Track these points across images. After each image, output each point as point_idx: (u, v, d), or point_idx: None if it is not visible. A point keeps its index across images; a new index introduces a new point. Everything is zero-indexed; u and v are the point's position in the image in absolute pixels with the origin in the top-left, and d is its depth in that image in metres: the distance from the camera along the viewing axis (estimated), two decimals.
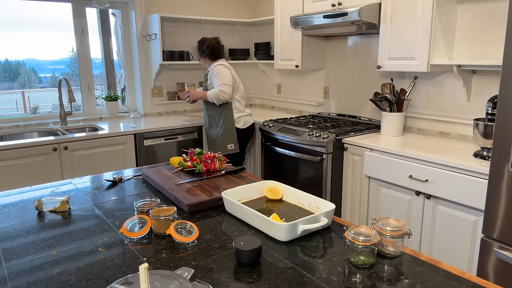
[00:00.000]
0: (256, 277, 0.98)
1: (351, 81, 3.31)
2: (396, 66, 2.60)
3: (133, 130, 3.13)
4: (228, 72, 3.11)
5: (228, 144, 3.17)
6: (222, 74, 3.08)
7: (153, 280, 0.79)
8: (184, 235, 1.16)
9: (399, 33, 2.53)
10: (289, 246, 1.14)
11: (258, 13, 4.23)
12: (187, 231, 1.18)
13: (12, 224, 1.31)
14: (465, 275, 0.99)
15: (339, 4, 2.81)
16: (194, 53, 3.94)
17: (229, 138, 3.18)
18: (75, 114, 3.59)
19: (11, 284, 0.96)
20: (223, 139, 3.16)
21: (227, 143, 3.16)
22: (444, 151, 2.25)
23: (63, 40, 3.55)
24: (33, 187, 1.69)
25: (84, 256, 1.09)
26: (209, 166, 1.76)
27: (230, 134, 3.18)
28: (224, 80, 3.07)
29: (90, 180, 1.79)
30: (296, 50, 3.32)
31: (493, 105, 2.05)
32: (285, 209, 1.39)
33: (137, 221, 1.22)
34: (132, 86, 3.87)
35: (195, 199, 1.42)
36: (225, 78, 3.07)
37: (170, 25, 3.77)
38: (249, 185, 1.50)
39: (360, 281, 0.97)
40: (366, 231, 1.05)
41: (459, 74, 2.42)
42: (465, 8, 2.45)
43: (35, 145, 2.72)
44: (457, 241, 2.11)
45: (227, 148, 3.16)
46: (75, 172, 2.90)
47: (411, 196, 2.30)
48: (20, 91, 4.74)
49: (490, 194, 1.76)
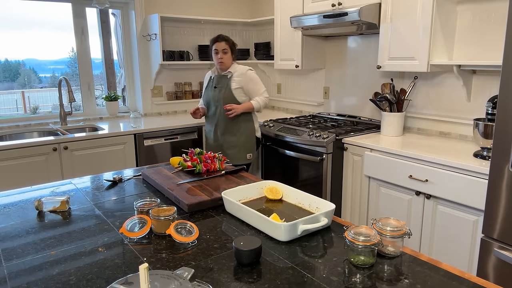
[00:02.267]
0: (256, 277, 0.98)
1: (351, 81, 3.31)
2: (396, 66, 2.60)
3: (133, 130, 3.13)
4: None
5: (247, 153, 2.97)
6: (259, 80, 2.89)
7: (153, 280, 0.79)
8: (184, 235, 1.16)
9: (399, 33, 2.53)
10: (289, 246, 1.14)
11: (258, 13, 4.23)
12: (187, 231, 1.18)
13: (12, 224, 1.31)
14: (465, 275, 0.99)
15: (339, 4, 2.81)
16: (194, 53, 3.94)
17: (250, 147, 2.98)
18: (75, 114, 3.59)
19: (11, 284, 0.96)
20: (242, 148, 2.95)
21: (246, 152, 2.97)
22: (444, 151, 2.25)
23: (63, 40, 3.56)
24: (33, 187, 1.69)
25: (84, 256, 1.09)
26: (209, 166, 1.76)
27: (250, 143, 2.97)
28: (263, 85, 2.92)
29: (90, 180, 1.79)
30: (296, 50, 3.32)
31: (493, 105, 2.05)
32: (285, 209, 1.39)
33: (137, 221, 1.22)
34: (132, 86, 3.87)
35: (195, 199, 1.42)
36: (262, 83, 2.93)
37: (170, 25, 3.77)
38: (249, 185, 1.50)
39: (360, 281, 0.97)
40: (366, 231, 1.05)
41: (459, 74, 2.42)
42: (465, 8, 2.45)
43: (35, 145, 2.72)
44: (457, 241, 2.11)
45: (246, 158, 2.98)
46: (75, 172, 2.90)
47: (411, 196, 2.30)
48: (20, 91, 4.75)
49: (490, 194, 1.76)
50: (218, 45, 2.83)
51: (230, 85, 2.84)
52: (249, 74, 2.85)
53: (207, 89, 2.99)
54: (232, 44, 2.87)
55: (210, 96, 2.93)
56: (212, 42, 2.87)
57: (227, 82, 2.85)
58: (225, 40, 2.84)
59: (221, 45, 2.82)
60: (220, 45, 2.82)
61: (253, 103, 2.86)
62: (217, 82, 2.90)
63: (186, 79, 4.01)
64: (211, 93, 2.93)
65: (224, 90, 2.85)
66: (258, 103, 2.87)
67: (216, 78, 2.91)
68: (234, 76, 2.85)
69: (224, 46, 2.82)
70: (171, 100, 3.91)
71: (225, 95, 2.84)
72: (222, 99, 2.85)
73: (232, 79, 2.85)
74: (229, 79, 2.86)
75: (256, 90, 2.87)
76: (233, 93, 2.84)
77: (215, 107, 2.91)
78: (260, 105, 2.88)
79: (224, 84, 2.86)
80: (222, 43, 2.82)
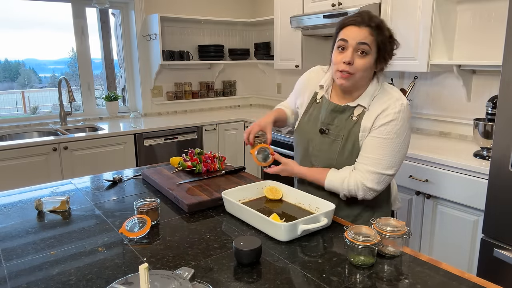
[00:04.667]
0: (256, 277, 0.98)
1: None
2: (396, 66, 2.60)
3: (133, 130, 3.13)
4: None
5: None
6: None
7: (153, 280, 0.79)
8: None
9: (399, 33, 2.51)
10: (289, 246, 1.14)
11: (258, 13, 4.23)
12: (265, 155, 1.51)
13: (12, 224, 1.31)
14: (465, 275, 0.99)
15: (339, 4, 2.81)
16: (194, 53, 3.94)
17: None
18: (75, 114, 3.58)
19: (11, 284, 0.96)
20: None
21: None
22: (444, 151, 2.25)
23: (63, 40, 3.56)
24: (33, 187, 1.69)
25: (84, 256, 1.09)
26: (209, 166, 1.76)
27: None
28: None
29: (90, 180, 1.79)
30: (296, 50, 3.32)
31: (493, 105, 2.05)
32: (285, 209, 1.39)
33: (137, 221, 1.22)
34: (132, 86, 3.87)
35: (195, 199, 1.42)
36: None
37: (170, 25, 3.77)
38: (249, 185, 1.50)
39: (360, 281, 0.97)
40: (366, 231, 1.05)
41: (459, 74, 2.42)
42: (465, 8, 2.45)
43: (35, 145, 2.72)
44: (457, 241, 2.11)
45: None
46: (75, 172, 2.90)
47: (411, 196, 2.30)
48: (20, 91, 4.75)
49: (490, 194, 1.76)
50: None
51: (355, 132, 1.67)
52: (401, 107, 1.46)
53: None
54: (391, 44, 1.45)
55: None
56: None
57: (353, 127, 1.61)
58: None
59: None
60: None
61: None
62: (330, 121, 1.72)
63: (186, 79, 4.01)
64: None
65: (346, 142, 1.82)
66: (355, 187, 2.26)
67: (331, 114, 1.71)
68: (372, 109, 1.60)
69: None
70: (171, 100, 3.91)
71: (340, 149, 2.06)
72: None
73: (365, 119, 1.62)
74: (343, 113, 1.58)
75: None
76: (354, 144, 1.67)
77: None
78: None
79: (343, 127, 1.75)
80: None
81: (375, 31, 1.33)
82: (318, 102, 1.51)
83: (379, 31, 1.34)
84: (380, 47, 1.35)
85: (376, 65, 1.38)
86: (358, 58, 1.33)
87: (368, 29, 1.32)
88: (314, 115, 1.50)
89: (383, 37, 1.35)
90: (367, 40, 1.32)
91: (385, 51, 1.37)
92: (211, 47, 3.89)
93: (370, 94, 1.40)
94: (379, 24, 1.34)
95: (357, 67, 1.33)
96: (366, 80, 1.40)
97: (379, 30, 1.34)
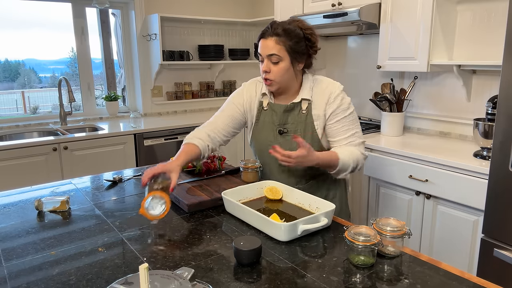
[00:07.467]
0: (256, 277, 0.98)
1: (351, 81, 3.31)
2: (396, 66, 2.60)
3: (133, 130, 3.13)
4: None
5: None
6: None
7: (153, 280, 0.79)
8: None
9: (399, 33, 2.53)
10: (289, 246, 1.14)
11: (258, 13, 4.23)
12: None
13: (12, 224, 1.31)
14: (465, 275, 0.99)
15: (339, 4, 2.81)
16: (194, 53, 3.94)
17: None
18: (75, 114, 3.58)
19: (11, 284, 0.96)
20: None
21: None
22: (444, 151, 2.25)
23: (63, 40, 3.55)
24: (33, 187, 1.69)
25: (84, 256, 1.09)
26: (209, 166, 1.76)
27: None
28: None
29: (90, 180, 1.79)
30: None
31: (493, 105, 2.05)
32: (285, 209, 1.39)
33: (158, 199, 1.24)
34: (132, 86, 3.87)
35: (195, 199, 1.42)
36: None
37: (170, 25, 3.77)
38: (249, 185, 1.50)
39: (360, 281, 0.97)
40: (366, 231, 1.05)
41: (459, 74, 2.42)
42: (465, 8, 2.45)
43: (35, 145, 2.72)
44: (457, 241, 2.11)
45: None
46: (75, 172, 2.90)
47: (411, 196, 2.30)
48: (20, 91, 4.74)
49: (490, 194, 1.76)
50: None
51: (306, 125, 1.91)
52: (342, 97, 1.68)
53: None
54: (316, 42, 1.64)
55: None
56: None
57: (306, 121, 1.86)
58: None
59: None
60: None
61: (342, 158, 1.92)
62: (285, 121, 1.89)
63: (186, 79, 4.01)
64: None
65: (309, 135, 1.98)
66: (355, 159, 2.36)
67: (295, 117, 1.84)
68: (315, 102, 1.82)
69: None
70: (171, 100, 3.91)
71: (303, 139, 2.36)
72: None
73: (310, 112, 1.86)
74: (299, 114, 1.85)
75: (351, 129, 1.80)
76: (316, 135, 1.74)
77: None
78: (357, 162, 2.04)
79: (294, 122, 1.93)
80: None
81: (282, 37, 1.48)
82: (266, 109, 1.64)
83: (286, 36, 1.48)
84: (290, 51, 1.49)
85: (295, 65, 1.53)
86: (273, 66, 1.51)
87: (275, 38, 1.48)
88: (267, 121, 1.63)
89: (292, 41, 1.48)
90: (274, 50, 1.48)
91: (297, 52, 1.51)
92: (211, 47, 3.89)
93: (307, 87, 1.58)
94: (285, 29, 1.48)
95: (274, 73, 1.51)
96: (291, 79, 1.55)
97: (286, 36, 1.48)
